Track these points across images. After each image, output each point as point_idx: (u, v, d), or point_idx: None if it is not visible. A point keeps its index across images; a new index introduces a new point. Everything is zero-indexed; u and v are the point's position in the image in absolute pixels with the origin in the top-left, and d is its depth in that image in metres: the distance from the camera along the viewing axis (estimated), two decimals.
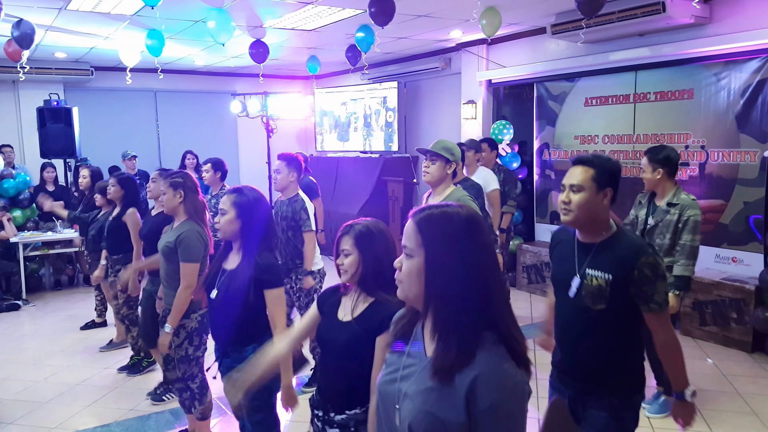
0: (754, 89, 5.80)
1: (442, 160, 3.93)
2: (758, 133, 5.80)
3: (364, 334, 2.31)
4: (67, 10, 6.26)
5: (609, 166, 2.51)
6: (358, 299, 2.39)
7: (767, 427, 4.31)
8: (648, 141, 6.72)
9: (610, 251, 2.47)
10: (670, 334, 2.48)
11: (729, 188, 6.05)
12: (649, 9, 5.82)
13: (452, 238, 1.52)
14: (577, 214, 2.50)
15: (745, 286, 5.74)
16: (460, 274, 1.50)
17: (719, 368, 5.36)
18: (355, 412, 2.34)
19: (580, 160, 2.56)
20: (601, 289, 2.45)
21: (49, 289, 8.78)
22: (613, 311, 2.45)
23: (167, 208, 4.01)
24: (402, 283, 1.60)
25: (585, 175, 2.49)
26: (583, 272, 2.52)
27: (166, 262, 3.91)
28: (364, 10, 5.67)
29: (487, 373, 1.46)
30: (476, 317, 1.50)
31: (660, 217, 4.20)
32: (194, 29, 7.32)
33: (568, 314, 2.62)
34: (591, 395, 2.55)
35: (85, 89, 10.71)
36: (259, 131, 11.45)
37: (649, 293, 2.40)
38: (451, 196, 3.94)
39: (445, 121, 9.84)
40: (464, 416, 1.47)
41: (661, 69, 6.59)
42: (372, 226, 2.38)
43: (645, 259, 2.38)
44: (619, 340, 2.50)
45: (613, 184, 2.51)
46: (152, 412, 4.77)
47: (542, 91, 8.11)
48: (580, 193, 2.49)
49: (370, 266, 2.33)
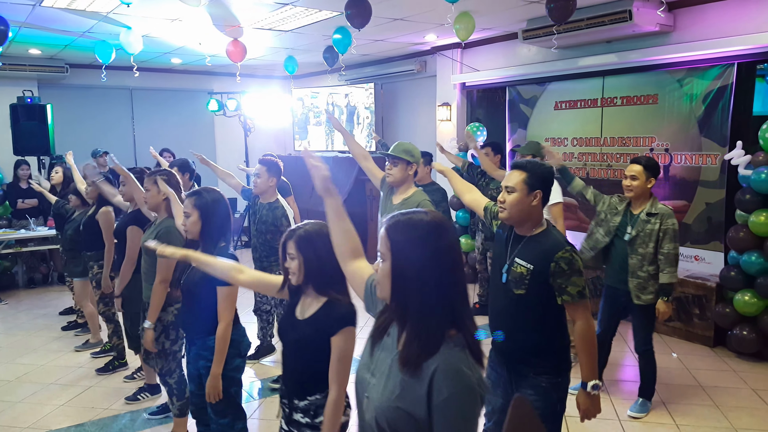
0: (715, 95, 5.98)
1: (404, 163, 4.13)
2: (719, 137, 5.98)
3: (315, 334, 2.47)
4: (42, 7, 6.26)
5: (540, 171, 2.82)
6: (312, 299, 2.54)
7: (728, 418, 4.48)
8: (615, 144, 6.92)
9: (536, 244, 2.79)
10: (585, 325, 2.74)
11: (692, 190, 6.23)
12: (617, 17, 5.97)
13: (416, 242, 1.64)
14: (510, 212, 2.81)
15: (707, 283, 5.93)
16: (423, 275, 1.61)
17: (683, 362, 5.54)
18: (316, 398, 2.51)
19: (516, 164, 2.88)
20: (522, 276, 2.76)
21: (22, 287, 8.74)
22: (533, 296, 2.74)
23: (150, 205, 4.06)
24: (379, 284, 1.73)
25: (518, 179, 2.80)
26: (512, 260, 2.83)
27: (147, 257, 3.99)
28: (341, 12, 5.72)
29: (446, 368, 1.57)
30: (439, 316, 1.62)
31: (641, 227, 4.30)
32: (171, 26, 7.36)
33: (498, 295, 2.93)
34: (520, 374, 2.83)
35: (59, 86, 10.62)
36: (236, 130, 11.49)
37: (563, 285, 2.69)
38: (412, 198, 4.13)
39: (420, 122, 9.97)
40: (425, 410, 1.59)
41: (628, 75, 6.77)
42: (312, 229, 2.53)
43: (562, 254, 2.68)
44: (539, 324, 2.77)
45: (543, 186, 2.80)
46: (127, 411, 4.76)
47: (514, 95, 8.27)
48: (513, 193, 2.79)
49: (314, 267, 2.48)
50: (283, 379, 2.66)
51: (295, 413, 2.56)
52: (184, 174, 6.20)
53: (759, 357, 5.58)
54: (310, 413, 2.53)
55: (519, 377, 2.84)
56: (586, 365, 2.77)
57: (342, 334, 2.43)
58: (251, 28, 7.37)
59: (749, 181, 5.39)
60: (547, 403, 2.77)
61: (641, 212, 4.34)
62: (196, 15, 6.67)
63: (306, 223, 2.57)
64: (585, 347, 2.75)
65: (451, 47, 8.81)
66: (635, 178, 4.34)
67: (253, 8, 6.41)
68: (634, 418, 4.51)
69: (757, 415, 4.53)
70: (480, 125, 8.22)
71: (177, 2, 5.79)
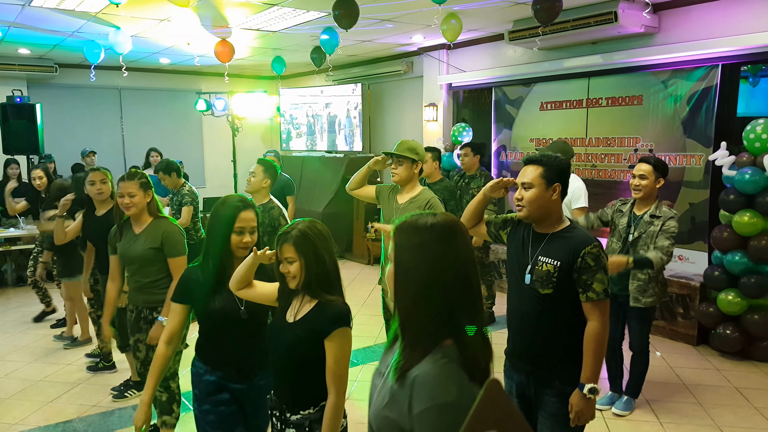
0: (699, 96, 6.05)
1: (409, 161, 4.08)
2: (703, 138, 6.04)
3: (305, 336, 2.33)
4: (31, 7, 6.26)
5: (557, 164, 2.69)
6: (303, 300, 2.41)
7: (711, 416, 4.52)
8: (600, 144, 6.98)
9: (561, 240, 2.66)
10: (601, 326, 2.60)
11: (675, 190, 6.28)
12: (602, 18, 6.01)
13: (418, 247, 1.56)
14: (529, 209, 2.69)
15: (691, 283, 5.98)
16: (423, 282, 1.53)
17: (666, 361, 5.59)
18: (309, 412, 2.38)
19: (530, 159, 2.75)
20: (550, 273, 2.63)
21: (11, 285, 8.72)
22: (559, 296, 2.61)
23: (138, 207, 3.86)
24: (386, 287, 1.72)
25: (535, 173, 2.67)
26: (536, 259, 2.69)
27: (148, 265, 3.78)
28: (329, 12, 5.75)
29: (422, 380, 1.48)
30: (437, 324, 1.53)
31: (643, 228, 4.23)
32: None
33: (521, 299, 2.77)
34: (541, 380, 2.70)
35: (49, 86, 10.61)
36: (224, 130, 11.48)
37: (588, 282, 2.57)
38: (421, 195, 4.09)
39: (407, 122, 10.00)
40: (409, 423, 1.50)
41: (613, 76, 6.84)
42: (307, 228, 2.39)
43: (590, 249, 2.57)
44: (564, 326, 2.66)
45: (561, 179, 2.69)
46: (115, 408, 4.76)
47: (500, 96, 8.32)
48: (531, 189, 2.67)
49: (313, 268, 2.35)
50: (274, 390, 2.51)
51: (287, 428, 2.41)
52: (171, 174, 6.24)
53: (742, 356, 5.63)
54: (305, 429, 2.38)
55: (540, 385, 2.71)
56: (589, 367, 2.60)
57: (336, 335, 2.30)
58: (239, 28, 7.38)
59: (733, 181, 5.42)
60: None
61: (645, 213, 4.27)
62: (184, 15, 6.68)
63: (297, 223, 2.42)
64: (594, 348, 2.60)
65: (437, 48, 8.85)
66: (644, 177, 4.24)
67: (241, 9, 6.42)
68: (618, 416, 4.55)
69: (740, 413, 4.58)
70: (466, 125, 8.26)
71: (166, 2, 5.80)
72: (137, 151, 10.98)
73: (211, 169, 12.45)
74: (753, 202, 5.35)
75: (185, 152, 11.71)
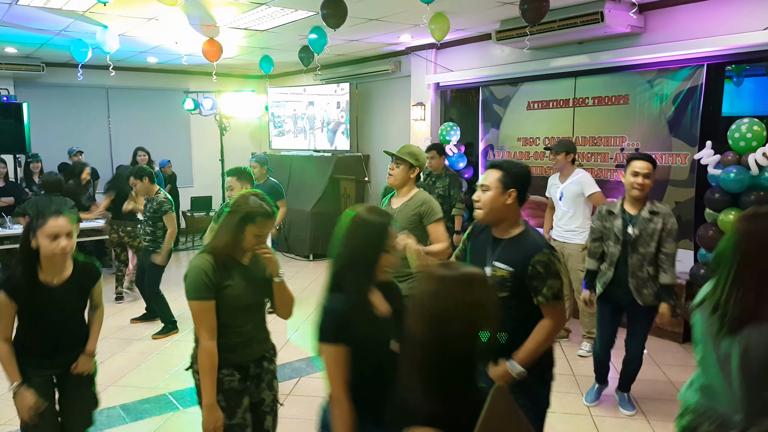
0: (685, 96, 6.09)
1: (407, 165, 4.10)
2: (689, 137, 6.08)
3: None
4: (18, 5, 6.24)
5: (515, 171, 2.80)
6: None
7: None
8: (586, 143, 7.02)
9: (514, 247, 2.76)
10: (553, 324, 2.70)
11: (662, 189, 6.31)
12: (589, 18, 6.04)
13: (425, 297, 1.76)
14: (485, 211, 2.80)
15: (677, 281, 5.96)
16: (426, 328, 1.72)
17: (653, 358, 5.63)
18: None
19: (492, 164, 2.87)
20: (504, 279, 2.73)
21: None
22: (515, 299, 2.70)
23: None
24: None
25: (493, 177, 2.80)
26: (492, 264, 2.79)
27: None
28: (317, 12, 5.75)
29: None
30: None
31: (642, 225, 4.22)
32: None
33: None
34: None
35: (36, 85, 10.57)
36: (212, 129, 11.47)
37: (539, 287, 2.67)
38: (416, 197, 4.11)
39: (395, 121, 10.02)
40: None
41: (599, 75, 6.87)
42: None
43: (539, 258, 2.67)
44: (524, 324, 2.72)
45: (517, 186, 2.78)
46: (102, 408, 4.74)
47: (487, 95, 8.35)
48: (488, 192, 2.79)
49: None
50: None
51: None
52: (142, 179, 6.24)
53: None
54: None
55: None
56: (527, 351, 2.68)
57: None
58: (227, 27, 7.38)
59: (718, 180, 5.45)
60: (537, 400, 2.78)
61: (642, 211, 4.26)
62: (172, 14, 6.67)
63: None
64: (539, 338, 2.69)
65: (425, 48, 8.87)
66: (648, 176, 4.21)
67: (229, 8, 6.42)
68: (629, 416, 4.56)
69: None
70: (453, 125, 8.29)
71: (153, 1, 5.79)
72: (124, 150, 10.95)
73: (199, 168, 12.42)
74: (738, 200, 5.37)
75: (173, 151, 11.69)
